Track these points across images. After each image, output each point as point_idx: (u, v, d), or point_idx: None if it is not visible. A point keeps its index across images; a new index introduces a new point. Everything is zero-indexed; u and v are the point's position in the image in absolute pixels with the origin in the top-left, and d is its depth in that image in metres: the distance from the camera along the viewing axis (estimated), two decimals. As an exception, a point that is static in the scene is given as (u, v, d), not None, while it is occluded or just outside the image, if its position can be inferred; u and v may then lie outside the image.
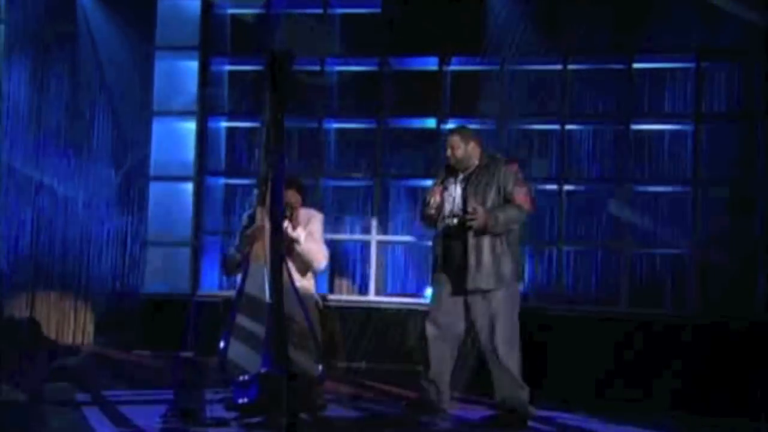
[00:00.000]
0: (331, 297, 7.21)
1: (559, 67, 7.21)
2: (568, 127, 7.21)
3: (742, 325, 6.46)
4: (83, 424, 4.30)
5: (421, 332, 5.55)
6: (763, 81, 6.86)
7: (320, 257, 5.05)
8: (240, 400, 4.23)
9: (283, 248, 4.52)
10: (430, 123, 7.40)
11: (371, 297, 7.29)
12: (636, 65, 7.08)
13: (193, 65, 7.70)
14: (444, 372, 4.99)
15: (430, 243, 7.16)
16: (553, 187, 7.11)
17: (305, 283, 4.97)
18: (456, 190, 4.95)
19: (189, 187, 7.65)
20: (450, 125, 7.32)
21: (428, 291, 7.20)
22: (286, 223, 4.77)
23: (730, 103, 7.14)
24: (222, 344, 4.34)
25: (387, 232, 7.50)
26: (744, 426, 5.24)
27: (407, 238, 7.50)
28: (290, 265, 4.78)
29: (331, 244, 7.25)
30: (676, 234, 7.12)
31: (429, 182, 7.27)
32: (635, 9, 7.08)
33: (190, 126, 7.69)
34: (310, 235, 5.02)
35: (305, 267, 5.07)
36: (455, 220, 4.91)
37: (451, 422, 4.81)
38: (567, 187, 7.16)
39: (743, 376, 6.10)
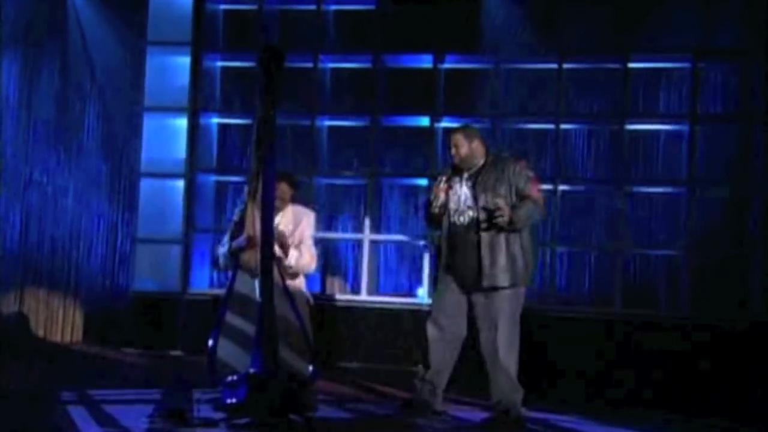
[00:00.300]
0: (324, 296, 7.19)
1: (554, 66, 7.17)
2: (563, 126, 7.18)
3: (740, 325, 6.44)
4: (69, 423, 4.23)
5: (413, 332, 5.51)
6: (761, 81, 6.84)
7: (309, 264, 4.97)
8: (228, 401, 4.16)
9: (273, 250, 4.45)
10: (424, 121, 7.35)
11: (363, 296, 7.23)
12: (632, 65, 7.05)
13: (185, 61, 7.63)
14: (443, 373, 4.94)
15: (422, 242, 7.19)
16: (548, 187, 7.05)
17: (296, 281, 4.91)
18: (462, 189, 4.89)
19: (180, 184, 7.59)
20: (444, 123, 7.29)
21: (420, 290, 7.19)
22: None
23: (726, 103, 7.12)
24: (211, 343, 4.27)
25: (380, 231, 7.45)
26: (740, 427, 5.19)
27: (400, 237, 7.45)
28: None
29: (323, 243, 7.23)
30: (670, 235, 7.09)
31: (423, 181, 7.28)
32: (631, 8, 7.05)
33: (182, 122, 7.63)
34: (300, 235, 4.96)
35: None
36: (462, 218, 4.86)
37: (447, 424, 4.75)
38: (561, 187, 7.12)
39: (740, 377, 6.08)
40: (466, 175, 4.93)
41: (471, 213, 4.83)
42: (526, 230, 4.85)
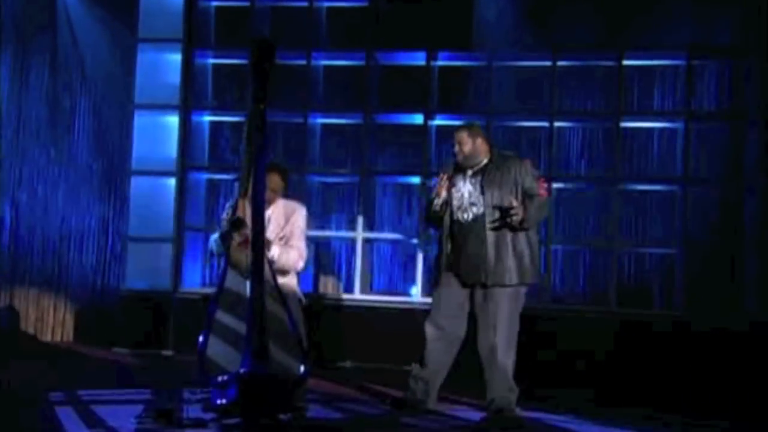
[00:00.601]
0: (316, 295, 7.13)
1: (548, 63, 7.13)
2: (557, 124, 7.14)
3: (740, 326, 6.40)
4: (57, 424, 4.17)
5: (407, 330, 5.45)
6: (756, 79, 6.81)
7: (296, 261, 4.89)
8: (218, 401, 4.10)
9: (264, 245, 4.39)
10: (418, 119, 7.30)
11: (357, 295, 7.18)
12: (626, 62, 7.02)
13: (176, 58, 7.58)
14: (439, 372, 4.92)
15: (415, 240, 7.14)
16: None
17: (288, 279, 4.84)
18: (466, 186, 4.86)
19: (171, 182, 7.53)
20: (437, 121, 7.26)
21: (414, 289, 7.15)
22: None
23: (721, 101, 7.10)
24: (201, 342, 4.22)
25: (373, 229, 7.40)
26: (736, 427, 5.15)
27: (393, 235, 7.41)
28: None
29: (316, 241, 7.17)
30: (665, 233, 7.07)
31: (416, 179, 7.23)
32: (626, 5, 7.02)
33: (173, 120, 7.57)
34: (291, 230, 4.89)
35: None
36: (465, 215, 4.82)
37: (442, 423, 4.70)
38: (556, 185, 7.08)
39: (739, 377, 6.05)
40: (470, 172, 4.90)
41: (475, 210, 4.81)
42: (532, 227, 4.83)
